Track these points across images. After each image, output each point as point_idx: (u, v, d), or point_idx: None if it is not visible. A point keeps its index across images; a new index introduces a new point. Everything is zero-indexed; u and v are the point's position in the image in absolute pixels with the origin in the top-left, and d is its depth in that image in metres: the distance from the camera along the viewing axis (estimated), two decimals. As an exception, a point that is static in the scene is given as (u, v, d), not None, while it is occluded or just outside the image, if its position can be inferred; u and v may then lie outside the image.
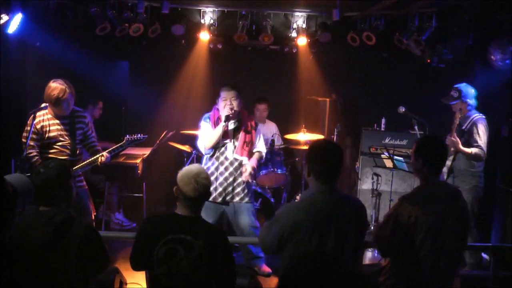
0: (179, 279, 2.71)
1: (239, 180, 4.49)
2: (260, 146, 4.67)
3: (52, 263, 2.64)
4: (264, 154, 4.72)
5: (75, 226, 2.76)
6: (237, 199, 4.49)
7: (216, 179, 4.46)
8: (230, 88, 4.45)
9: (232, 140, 4.50)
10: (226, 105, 4.40)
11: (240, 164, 4.50)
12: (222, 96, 4.45)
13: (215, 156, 4.50)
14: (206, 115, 4.61)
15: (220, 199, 4.46)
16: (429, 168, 3.04)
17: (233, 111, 4.38)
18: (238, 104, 4.46)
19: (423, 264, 2.95)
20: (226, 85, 4.50)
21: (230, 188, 4.47)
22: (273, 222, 2.83)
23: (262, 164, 5.63)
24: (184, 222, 2.78)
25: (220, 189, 4.46)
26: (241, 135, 4.50)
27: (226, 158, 4.48)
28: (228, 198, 4.48)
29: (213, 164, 4.49)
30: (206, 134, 4.51)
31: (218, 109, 4.54)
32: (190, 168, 2.85)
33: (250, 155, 4.57)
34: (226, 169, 4.47)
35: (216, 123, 4.48)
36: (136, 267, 2.92)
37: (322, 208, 2.73)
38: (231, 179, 4.47)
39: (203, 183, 2.78)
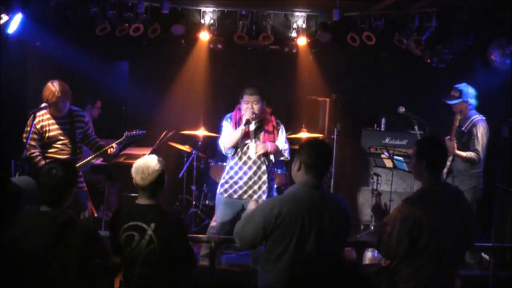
0: (139, 262, 2.93)
1: (264, 178, 4.51)
2: (280, 142, 4.61)
3: (53, 264, 2.65)
4: (282, 150, 4.61)
5: (76, 227, 2.77)
6: (264, 197, 4.50)
7: (240, 178, 4.50)
8: (253, 92, 4.41)
9: (254, 140, 4.51)
10: (247, 108, 4.40)
11: (263, 162, 4.52)
12: (244, 99, 4.42)
13: (238, 156, 4.53)
14: (228, 115, 4.61)
15: (245, 196, 4.51)
16: (431, 170, 3.06)
17: (254, 115, 4.39)
18: (260, 107, 4.45)
19: (426, 265, 2.98)
20: (249, 88, 4.44)
21: (256, 187, 4.50)
22: (255, 214, 2.86)
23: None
24: (141, 210, 3.01)
25: (245, 188, 4.50)
26: (263, 135, 4.52)
27: (249, 158, 4.50)
28: (255, 196, 4.50)
29: (236, 163, 4.53)
30: (227, 134, 4.53)
31: (240, 109, 4.54)
32: (143, 158, 3.06)
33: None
34: (249, 168, 4.50)
35: (237, 124, 4.49)
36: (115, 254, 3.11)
37: (306, 203, 2.79)
38: (255, 177, 4.50)
39: (149, 172, 2.98)
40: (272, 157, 4.59)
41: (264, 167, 4.52)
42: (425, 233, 2.94)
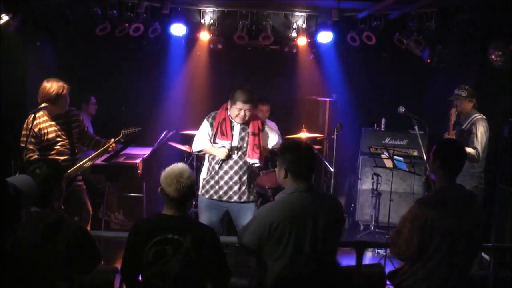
0: (171, 278, 2.72)
1: (244, 178, 4.45)
2: (271, 140, 4.60)
3: (42, 264, 2.63)
4: (276, 144, 4.62)
5: (65, 227, 2.73)
6: (244, 198, 4.47)
7: (221, 178, 4.43)
8: (248, 100, 4.31)
9: (239, 142, 4.42)
10: (239, 115, 4.33)
11: (245, 163, 4.47)
12: (238, 105, 4.31)
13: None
14: (212, 113, 4.52)
15: (225, 198, 4.45)
16: (445, 171, 3.07)
17: (229, 156, 4.38)
18: (250, 113, 4.40)
19: (439, 266, 2.97)
20: (244, 94, 4.30)
21: (236, 187, 4.43)
22: (250, 222, 2.89)
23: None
24: (171, 221, 2.79)
25: (225, 188, 4.43)
26: (250, 138, 4.44)
27: (230, 158, 4.44)
28: (235, 197, 4.44)
29: (217, 162, 4.47)
30: (202, 139, 4.49)
31: (226, 109, 4.46)
32: (172, 168, 2.83)
33: (261, 157, 4.51)
34: (231, 168, 4.43)
35: (220, 124, 4.42)
36: (126, 277, 2.91)
37: (299, 207, 2.79)
38: (236, 177, 4.42)
39: (185, 183, 2.77)
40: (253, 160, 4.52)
41: (245, 168, 4.45)
42: (437, 234, 2.93)
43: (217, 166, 4.45)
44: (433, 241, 2.94)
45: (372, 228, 6.30)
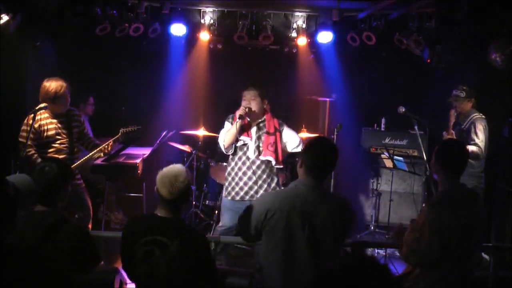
0: (158, 279, 2.72)
1: (264, 177, 4.47)
2: (290, 143, 4.56)
3: (41, 264, 2.63)
4: (296, 147, 4.58)
5: (65, 227, 2.74)
6: None
7: (240, 179, 4.48)
8: (250, 88, 4.44)
9: (255, 141, 4.47)
10: (243, 104, 4.41)
11: (263, 163, 4.48)
12: (243, 95, 4.46)
13: (238, 156, 4.51)
14: (230, 115, 4.61)
15: (247, 198, 4.47)
16: (447, 170, 3.07)
17: (246, 109, 4.37)
18: (258, 103, 4.44)
19: (454, 267, 2.97)
20: (248, 84, 4.49)
21: (256, 187, 4.46)
22: (250, 208, 2.91)
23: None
24: (162, 223, 2.78)
25: (246, 188, 4.47)
26: (264, 137, 4.48)
27: (248, 158, 4.47)
28: (257, 196, 4.44)
29: (236, 164, 4.51)
30: (223, 133, 4.54)
31: None
32: (170, 169, 2.81)
33: (276, 155, 4.50)
34: (248, 168, 4.46)
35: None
36: (124, 267, 2.96)
37: (300, 201, 2.79)
38: (254, 177, 4.45)
39: (178, 187, 2.74)
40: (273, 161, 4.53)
41: (263, 166, 4.48)
42: (453, 235, 2.93)
43: (236, 167, 4.49)
44: (450, 242, 2.93)
45: (372, 228, 6.30)
